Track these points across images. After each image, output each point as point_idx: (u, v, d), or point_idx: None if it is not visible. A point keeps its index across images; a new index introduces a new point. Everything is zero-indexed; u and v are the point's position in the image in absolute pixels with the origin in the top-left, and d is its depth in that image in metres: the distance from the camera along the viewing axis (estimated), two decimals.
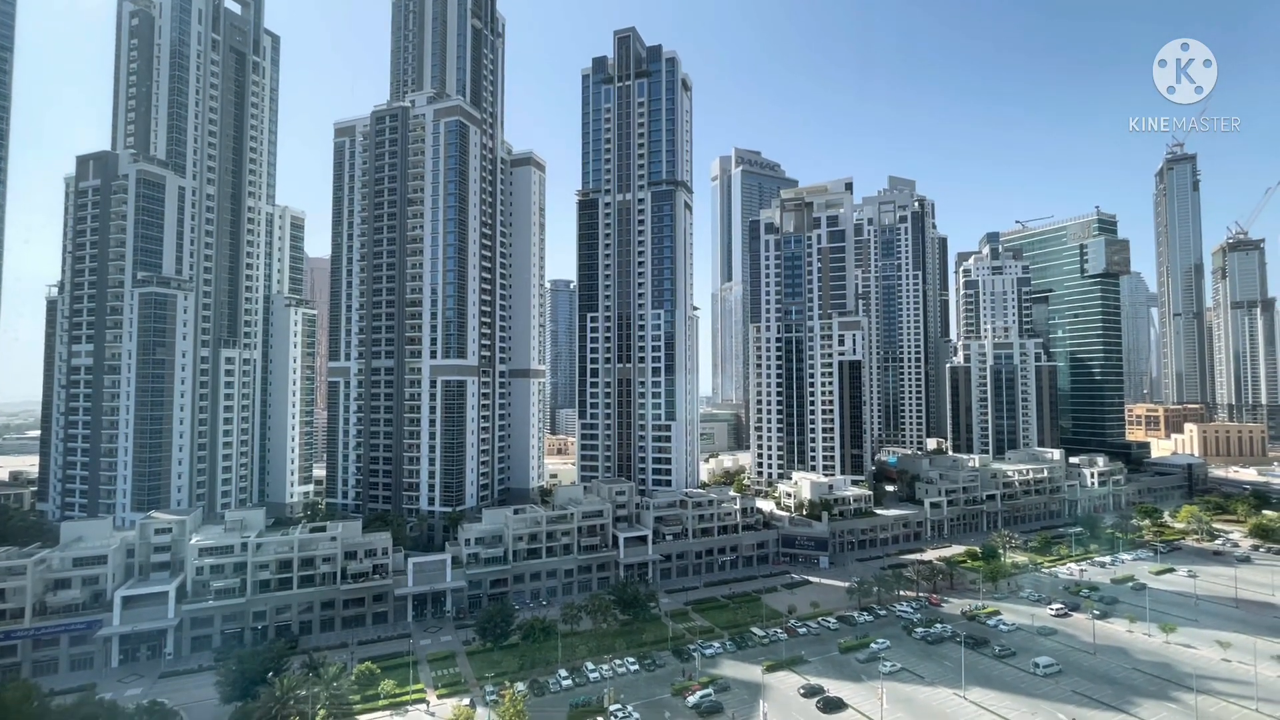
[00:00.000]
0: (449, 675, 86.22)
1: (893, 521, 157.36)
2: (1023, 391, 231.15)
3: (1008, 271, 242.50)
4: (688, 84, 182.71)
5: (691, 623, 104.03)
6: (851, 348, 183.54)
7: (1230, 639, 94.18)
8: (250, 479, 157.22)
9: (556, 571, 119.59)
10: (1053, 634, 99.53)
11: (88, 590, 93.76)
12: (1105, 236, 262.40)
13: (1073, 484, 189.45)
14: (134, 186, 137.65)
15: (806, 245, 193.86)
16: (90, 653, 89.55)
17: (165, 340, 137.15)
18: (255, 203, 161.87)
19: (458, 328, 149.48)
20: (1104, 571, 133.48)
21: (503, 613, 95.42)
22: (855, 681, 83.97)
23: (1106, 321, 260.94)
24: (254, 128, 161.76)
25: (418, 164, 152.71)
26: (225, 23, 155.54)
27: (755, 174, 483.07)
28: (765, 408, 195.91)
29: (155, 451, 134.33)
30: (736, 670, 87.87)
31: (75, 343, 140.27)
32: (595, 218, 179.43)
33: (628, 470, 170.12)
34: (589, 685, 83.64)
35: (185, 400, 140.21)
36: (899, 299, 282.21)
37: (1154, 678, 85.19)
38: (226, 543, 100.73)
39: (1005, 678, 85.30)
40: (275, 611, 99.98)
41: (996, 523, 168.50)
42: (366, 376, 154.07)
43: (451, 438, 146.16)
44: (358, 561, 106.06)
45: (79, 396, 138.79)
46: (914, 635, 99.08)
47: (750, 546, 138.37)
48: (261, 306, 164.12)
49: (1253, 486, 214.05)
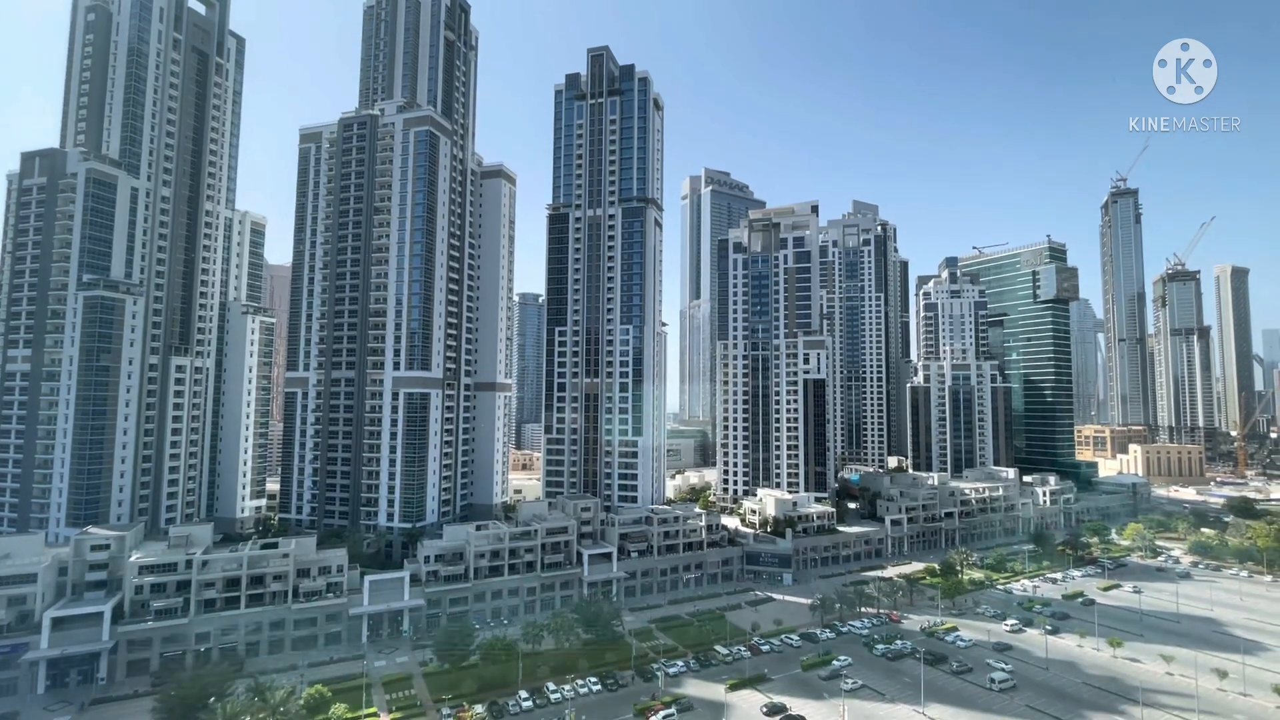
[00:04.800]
0: (405, 698, 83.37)
1: (855, 538, 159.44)
2: (979, 412, 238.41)
3: (965, 295, 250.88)
4: (659, 103, 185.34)
5: (655, 641, 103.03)
6: (816, 366, 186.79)
7: (1173, 653, 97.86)
8: (199, 493, 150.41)
9: (519, 589, 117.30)
10: (1008, 649, 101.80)
11: (14, 611, 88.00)
12: (1056, 264, 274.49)
13: (1026, 502, 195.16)
14: (83, 185, 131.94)
15: (773, 265, 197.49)
16: (14, 678, 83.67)
17: (111, 346, 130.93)
18: (214, 206, 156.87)
19: (422, 339, 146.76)
20: (1055, 588, 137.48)
21: (462, 632, 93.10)
22: (818, 699, 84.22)
23: (1057, 345, 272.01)
24: (215, 130, 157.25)
25: (385, 173, 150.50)
26: (188, 22, 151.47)
27: (724, 194, 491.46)
28: (731, 424, 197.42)
29: (95, 463, 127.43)
30: (700, 689, 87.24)
31: (11, 347, 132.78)
32: (565, 232, 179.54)
33: (593, 486, 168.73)
34: (550, 706, 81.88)
35: (130, 409, 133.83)
36: (862, 320, 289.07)
37: (1103, 691, 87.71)
38: (169, 560, 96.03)
39: (963, 693, 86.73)
40: (220, 633, 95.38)
41: (954, 540, 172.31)
42: (326, 388, 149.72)
43: (413, 451, 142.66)
44: (311, 579, 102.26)
45: (13, 404, 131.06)
46: (875, 652, 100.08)
47: (715, 564, 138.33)
48: (217, 313, 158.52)
49: (1191, 505, 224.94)
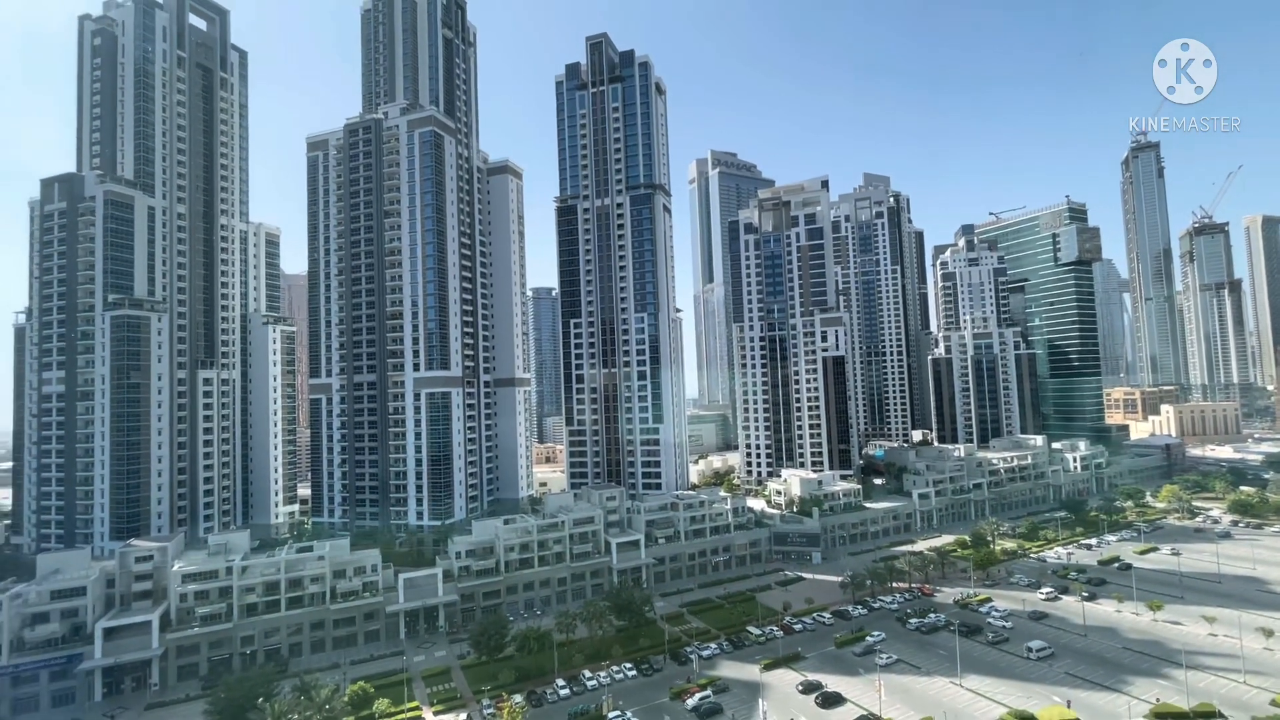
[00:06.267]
0: (444, 691, 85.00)
1: (882, 514, 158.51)
2: (1004, 380, 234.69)
3: (984, 263, 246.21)
4: (661, 88, 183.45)
5: (687, 625, 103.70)
6: (834, 344, 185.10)
7: (1215, 614, 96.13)
8: (233, 501, 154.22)
9: (549, 580, 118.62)
10: (1044, 618, 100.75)
11: (67, 623, 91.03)
12: (1076, 225, 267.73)
13: (1056, 469, 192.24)
14: (101, 208, 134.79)
15: (786, 244, 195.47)
16: (72, 688, 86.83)
17: (140, 364, 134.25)
18: (228, 220, 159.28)
19: (440, 339, 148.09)
20: (1090, 554, 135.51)
21: (496, 624, 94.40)
22: (853, 675, 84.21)
23: (1081, 308, 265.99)
24: (224, 144, 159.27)
25: (393, 175, 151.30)
26: (191, 39, 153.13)
27: (732, 175, 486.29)
28: (752, 407, 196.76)
29: (133, 478, 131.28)
30: (734, 670, 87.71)
31: (46, 370, 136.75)
32: (574, 223, 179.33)
33: (617, 475, 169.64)
34: (587, 693, 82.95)
35: (163, 424, 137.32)
36: (879, 294, 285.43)
37: (1144, 655, 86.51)
38: (210, 568, 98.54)
39: (1000, 664, 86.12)
40: (264, 635, 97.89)
41: (984, 511, 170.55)
42: (349, 392, 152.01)
43: (438, 450, 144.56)
44: (347, 580, 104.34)
45: (51, 425, 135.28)
46: (908, 626, 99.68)
47: (743, 546, 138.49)
48: (238, 325, 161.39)
49: (1229, 464, 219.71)
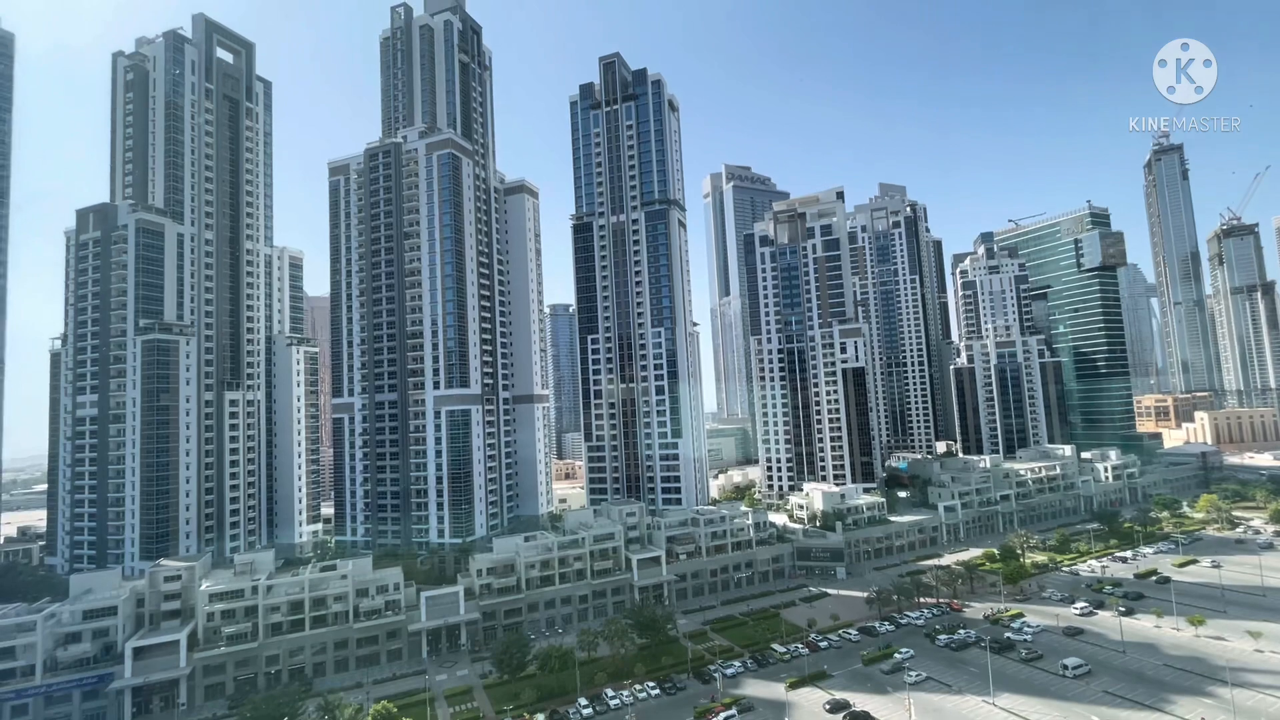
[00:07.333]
0: (467, 710, 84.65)
1: (908, 528, 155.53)
2: (1029, 389, 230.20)
3: (1004, 270, 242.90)
4: (674, 104, 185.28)
5: (711, 642, 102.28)
6: (854, 355, 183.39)
7: (1261, 628, 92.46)
8: (259, 520, 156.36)
9: (571, 598, 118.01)
10: (1079, 634, 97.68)
11: (98, 643, 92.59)
12: (1099, 230, 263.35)
13: (1086, 479, 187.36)
14: (133, 235, 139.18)
15: (802, 256, 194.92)
16: (103, 707, 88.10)
17: (169, 386, 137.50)
18: (254, 245, 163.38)
19: (459, 357, 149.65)
20: (1126, 567, 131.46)
21: (518, 643, 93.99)
22: (881, 694, 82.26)
23: (1107, 314, 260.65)
24: (249, 171, 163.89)
25: (412, 198, 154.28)
26: (218, 72, 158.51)
27: (747, 189, 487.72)
28: (771, 420, 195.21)
29: (162, 499, 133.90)
30: (759, 689, 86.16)
31: (80, 393, 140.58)
32: (590, 240, 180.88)
33: (637, 491, 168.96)
34: (609, 712, 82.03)
35: (190, 445, 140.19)
36: (898, 304, 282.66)
37: (1186, 673, 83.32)
38: (236, 587, 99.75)
39: (1034, 681, 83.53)
40: (288, 654, 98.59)
41: (1012, 523, 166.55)
42: (370, 411, 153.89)
43: (458, 468, 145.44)
44: (370, 599, 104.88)
45: (85, 447, 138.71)
46: (937, 643, 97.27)
47: (765, 561, 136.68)
48: (263, 347, 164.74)
49: (1269, 471, 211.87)
